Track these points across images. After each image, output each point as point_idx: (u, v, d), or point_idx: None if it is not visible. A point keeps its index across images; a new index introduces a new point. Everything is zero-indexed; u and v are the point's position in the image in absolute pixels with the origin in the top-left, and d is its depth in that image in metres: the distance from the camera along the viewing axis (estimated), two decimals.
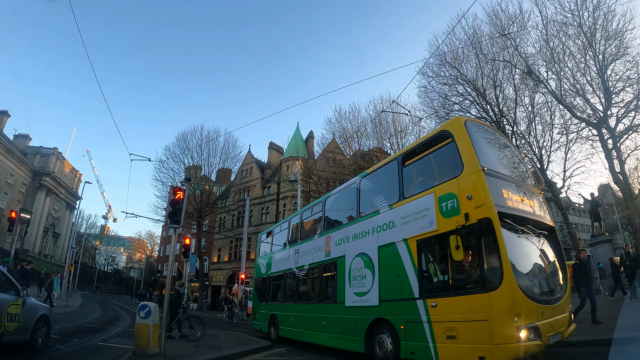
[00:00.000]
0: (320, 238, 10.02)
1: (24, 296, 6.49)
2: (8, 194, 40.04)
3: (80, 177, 55.70)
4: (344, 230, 8.90)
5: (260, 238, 15.95)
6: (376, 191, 8.05)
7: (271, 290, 13.11)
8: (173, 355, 7.27)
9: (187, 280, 23.58)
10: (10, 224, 14.10)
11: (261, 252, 15.12)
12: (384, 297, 6.99)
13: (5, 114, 42.78)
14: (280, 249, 12.94)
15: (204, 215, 33.66)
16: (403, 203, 6.90)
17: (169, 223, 8.68)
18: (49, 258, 47.69)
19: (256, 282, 14.89)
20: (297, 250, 11.37)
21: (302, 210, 12.26)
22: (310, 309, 9.99)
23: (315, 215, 10.96)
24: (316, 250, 10.09)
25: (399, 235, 6.80)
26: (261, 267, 14.39)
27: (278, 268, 12.58)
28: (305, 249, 10.83)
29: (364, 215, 8.20)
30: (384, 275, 7.09)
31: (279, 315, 11.87)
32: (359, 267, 7.91)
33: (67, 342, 8.27)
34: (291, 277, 11.48)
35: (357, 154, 28.21)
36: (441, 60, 19.90)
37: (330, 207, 10.26)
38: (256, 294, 14.56)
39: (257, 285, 14.64)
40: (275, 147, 42.34)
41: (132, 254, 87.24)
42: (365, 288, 7.53)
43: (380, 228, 7.41)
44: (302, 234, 11.58)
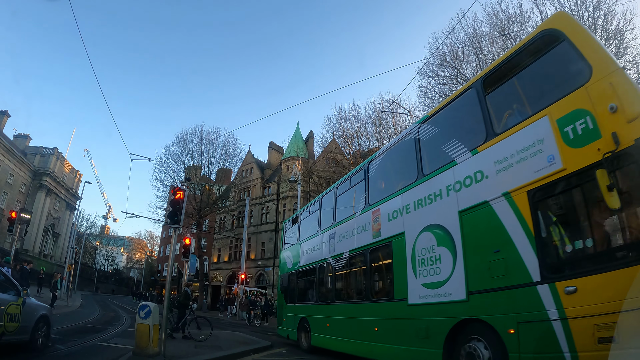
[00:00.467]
0: (364, 214, 7.76)
1: (24, 296, 6.49)
2: (8, 194, 40.05)
3: (80, 177, 55.71)
4: (400, 198, 6.61)
5: (285, 227, 13.74)
6: (446, 136, 5.88)
7: (300, 288, 11.12)
8: (173, 355, 7.27)
9: (187, 281, 23.43)
10: (10, 224, 14.10)
11: (286, 244, 13.06)
12: (474, 286, 4.79)
13: (5, 114, 42.79)
14: (310, 236, 10.69)
15: (204, 215, 33.67)
16: (495, 141, 4.81)
17: (169, 223, 8.69)
18: (49, 258, 47.70)
19: (281, 280, 12.75)
20: (332, 234, 9.15)
21: (336, 184, 9.88)
22: (354, 311, 7.83)
23: (356, 187, 8.60)
24: (359, 231, 7.89)
25: (495, 189, 4.67)
26: (287, 262, 12.39)
27: (308, 260, 10.50)
28: (343, 231, 8.63)
29: (430, 172, 5.99)
30: (473, 253, 4.92)
31: (310, 320, 9.83)
32: (428, 247, 5.71)
33: (67, 342, 8.26)
34: (325, 270, 9.48)
35: (357, 154, 28.23)
36: (441, 61, 19.89)
37: (376, 172, 7.91)
38: (281, 294, 12.51)
39: (283, 284, 12.48)
40: (275, 147, 42.38)
41: (132, 254, 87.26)
42: (441, 276, 5.35)
43: (460, 184, 5.27)
44: (338, 213, 9.28)
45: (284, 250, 13.08)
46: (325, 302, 9.27)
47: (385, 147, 8.17)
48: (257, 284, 33.75)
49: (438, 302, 5.38)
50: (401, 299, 6.19)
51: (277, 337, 13.80)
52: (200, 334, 10.22)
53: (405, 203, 6.46)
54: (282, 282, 12.61)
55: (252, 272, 34.50)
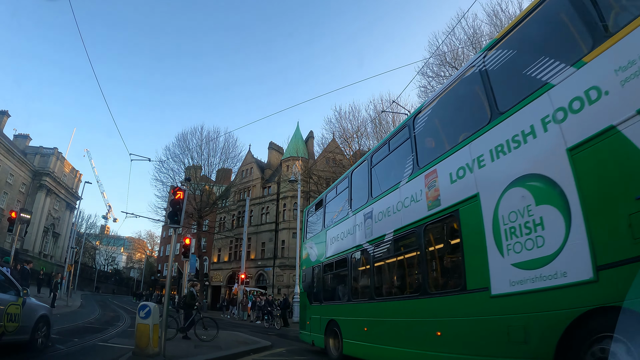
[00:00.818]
0: (413, 181, 5.99)
1: (24, 296, 6.49)
2: (8, 194, 40.06)
3: (80, 177, 55.73)
4: (466, 149, 4.91)
5: (306, 214, 11.90)
6: (530, 56, 4.24)
7: (327, 284, 9.45)
8: (173, 355, 7.27)
9: (187, 280, 23.41)
10: (10, 224, 14.10)
11: (309, 234, 11.34)
12: (606, 257, 3.16)
13: (5, 114, 42.82)
14: (339, 220, 8.89)
15: (204, 215, 33.69)
16: (614, 41, 3.30)
17: (169, 223, 8.69)
18: (49, 258, 47.71)
19: (303, 276, 11.09)
20: (368, 214, 7.34)
21: (370, 152, 8.09)
22: (404, 310, 5.99)
23: (398, 150, 6.78)
24: (407, 203, 6.07)
25: (624, 106, 3.13)
26: (310, 254, 10.72)
27: (337, 249, 8.75)
28: (383, 207, 6.79)
29: (510, 107, 4.32)
30: (599, 206, 3.30)
31: (342, 322, 8.10)
32: (521, 209, 4.00)
33: (67, 342, 8.26)
34: (360, 259, 7.76)
35: (357, 154, 28.25)
36: (441, 60, 19.92)
37: (425, 127, 6.18)
38: (304, 293, 10.77)
39: (306, 280, 10.78)
40: (275, 147, 42.40)
41: (132, 254, 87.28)
42: (547, 249, 3.68)
43: (564, 112, 3.66)
44: (374, 187, 7.47)
45: (306, 241, 11.31)
46: (360, 300, 7.49)
47: (434, 95, 6.21)
48: (257, 284, 33.75)
49: (544, 288, 3.63)
50: (479, 289, 4.41)
51: (277, 337, 13.82)
52: (207, 334, 10.20)
53: (476, 154, 4.73)
54: (304, 278, 10.88)
55: (252, 272, 34.51)
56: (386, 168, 7.28)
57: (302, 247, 11.76)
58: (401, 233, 6.25)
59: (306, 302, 10.50)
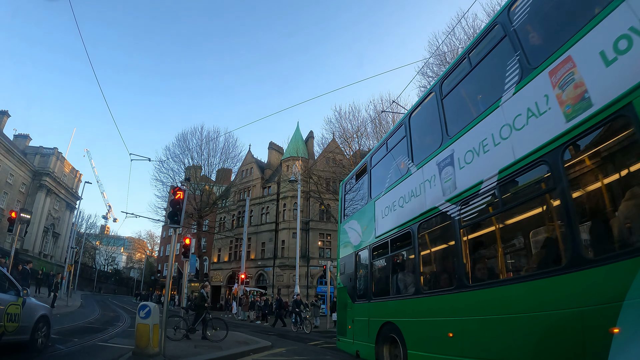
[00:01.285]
0: (527, 87, 3.91)
1: (24, 296, 6.49)
2: (8, 194, 40.04)
3: (80, 177, 55.70)
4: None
5: (343, 190, 9.69)
6: None
7: (379, 273, 7.26)
8: (173, 355, 7.27)
9: (187, 281, 23.36)
10: (10, 224, 14.08)
11: (347, 212, 9.24)
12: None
13: (5, 114, 42.79)
14: (395, 182, 6.62)
15: (204, 215, 33.69)
16: None
17: (169, 223, 8.69)
18: (49, 258, 47.69)
19: (342, 267, 8.92)
20: (445, 160, 5.15)
21: (439, 79, 5.80)
22: (543, 298, 3.45)
23: (489, 59, 4.71)
24: (519, 124, 3.95)
25: None
26: (351, 237, 8.51)
27: (394, 222, 6.45)
28: (474, 142, 4.62)
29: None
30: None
31: (404, 326, 5.77)
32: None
33: (67, 342, 8.26)
34: (436, 228, 5.57)
35: (357, 154, 28.25)
36: (441, 60, 19.89)
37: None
38: (343, 288, 8.65)
39: (345, 271, 8.66)
40: (275, 147, 42.42)
41: (132, 254, 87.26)
42: None
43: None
44: (452, 120, 5.35)
45: (344, 222, 9.14)
46: (439, 292, 5.14)
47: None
48: (257, 284, 33.75)
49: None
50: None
51: (277, 337, 13.77)
52: (216, 335, 10.19)
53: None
54: (342, 269, 8.81)
55: (252, 272, 34.50)
56: (468, 91, 5.32)
57: (339, 231, 9.43)
58: (514, 171, 3.93)
59: (346, 299, 8.21)
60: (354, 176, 9.11)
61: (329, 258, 30.46)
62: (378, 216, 7.18)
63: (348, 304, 8.19)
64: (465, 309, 4.50)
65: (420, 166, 5.86)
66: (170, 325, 10.10)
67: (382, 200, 7.11)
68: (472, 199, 4.59)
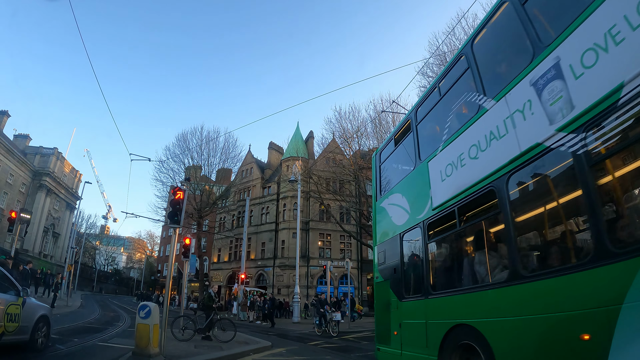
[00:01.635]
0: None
1: (24, 296, 6.50)
2: (8, 194, 40.04)
3: (80, 177, 55.70)
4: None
5: (378, 160, 7.90)
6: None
7: (440, 258, 5.79)
8: (173, 355, 7.28)
9: (187, 281, 23.35)
10: (10, 224, 14.09)
11: (384, 187, 7.47)
12: None
13: (5, 114, 42.78)
14: (461, 127, 4.99)
15: (204, 215, 33.68)
16: None
17: (169, 223, 8.70)
18: (49, 258, 47.69)
19: (380, 255, 7.16)
20: (551, 71, 3.53)
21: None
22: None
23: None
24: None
25: None
26: (392, 216, 6.83)
27: (467, 181, 4.72)
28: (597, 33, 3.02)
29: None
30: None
31: (492, 329, 3.97)
32: None
33: (67, 342, 8.27)
34: (543, 177, 3.76)
35: (357, 154, 28.27)
36: (441, 60, 19.90)
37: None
38: (383, 283, 6.86)
39: (385, 261, 6.95)
40: (275, 147, 42.45)
41: (132, 254, 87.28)
42: None
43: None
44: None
45: (381, 199, 7.41)
46: (561, 270, 3.28)
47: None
48: (257, 284, 33.77)
49: None
50: None
51: (277, 337, 13.72)
52: (227, 335, 10.21)
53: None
54: (382, 258, 7.07)
55: (252, 272, 34.51)
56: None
57: (374, 211, 7.79)
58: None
59: (389, 297, 6.47)
60: (392, 140, 7.32)
61: (329, 258, 30.49)
62: (434, 181, 5.43)
63: (392, 303, 6.36)
64: (615, 291, 2.69)
65: (500, 97, 4.26)
66: (178, 326, 10.16)
67: (438, 159, 5.38)
68: (609, 115, 2.92)
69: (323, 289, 27.39)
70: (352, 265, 27.53)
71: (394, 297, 6.36)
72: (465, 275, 4.79)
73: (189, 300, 36.51)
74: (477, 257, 4.59)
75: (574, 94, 3.30)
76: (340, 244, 33.98)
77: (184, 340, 9.50)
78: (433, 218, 5.39)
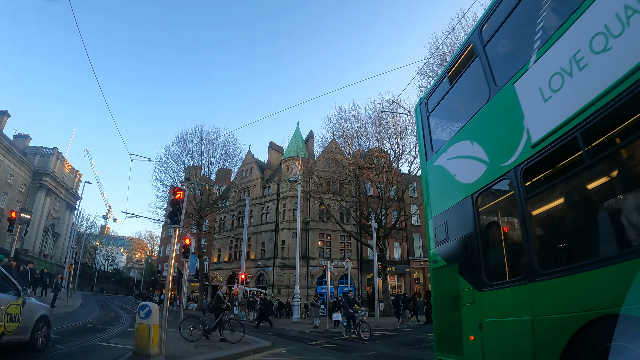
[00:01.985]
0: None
1: (24, 296, 6.50)
2: (8, 194, 40.04)
3: (80, 177, 55.71)
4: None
5: (423, 109, 6.30)
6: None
7: (555, 216, 3.80)
8: (173, 355, 7.28)
9: (187, 281, 23.31)
10: (10, 224, 14.08)
11: (436, 139, 6.03)
12: None
13: (5, 114, 42.78)
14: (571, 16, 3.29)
15: (204, 215, 33.70)
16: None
17: (169, 223, 8.71)
18: (49, 258, 47.69)
19: (439, 230, 5.46)
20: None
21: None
22: None
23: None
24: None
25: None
26: (456, 171, 5.23)
27: (605, 82, 2.90)
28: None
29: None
30: None
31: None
32: None
33: (67, 342, 8.26)
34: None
35: (357, 154, 28.28)
36: (441, 60, 19.90)
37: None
38: (447, 267, 5.18)
39: (448, 236, 5.20)
40: (275, 147, 42.45)
41: (132, 254, 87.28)
42: None
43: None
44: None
45: (434, 157, 5.80)
46: None
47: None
48: (257, 284, 33.77)
49: None
50: None
51: (277, 337, 13.73)
52: (236, 336, 10.21)
53: None
54: (441, 233, 5.33)
55: (252, 272, 34.52)
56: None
57: (425, 174, 6.10)
58: None
59: (457, 286, 4.79)
60: (444, 79, 5.76)
61: (328, 258, 30.48)
62: (529, 105, 3.85)
63: (464, 295, 4.62)
64: None
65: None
66: (186, 327, 10.18)
67: (532, 74, 3.84)
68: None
69: (323, 289, 27.41)
70: (352, 265, 27.54)
71: (466, 285, 4.58)
72: (611, 235, 3.03)
73: (189, 301, 36.53)
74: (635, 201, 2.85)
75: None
76: (340, 244, 33.98)
77: (192, 341, 9.52)
78: (534, 159, 3.70)
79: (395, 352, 9.64)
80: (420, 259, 35.98)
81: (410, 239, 36.35)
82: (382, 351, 10.04)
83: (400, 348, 10.09)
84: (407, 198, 32.04)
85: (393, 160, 27.04)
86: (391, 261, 32.12)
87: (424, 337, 12.59)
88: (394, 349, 10.00)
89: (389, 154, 27.48)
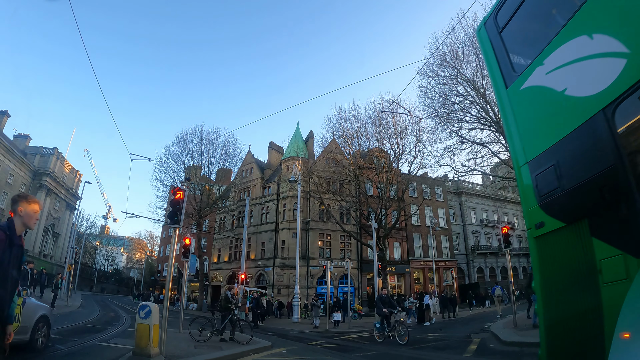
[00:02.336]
0: None
1: (24, 296, 6.50)
2: (8, 194, 40.01)
3: (80, 177, 55.72)
4: None
5: (493, 29, 4.57)
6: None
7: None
8: (173, 355, 7.28)
9: (187, 281, 23.29)
10: None
11: (517, 52, 4.42)
12: None
13: (5, 114, 42.80)
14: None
15: (204, 215, 33.68)
16: None
17: (169, 223, 8.72)
18: (49, 258, 47.70)
19: (541, 177, 3.60)
20: None
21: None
22: None
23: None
24: None
25: None
26: (567, 85, 3.35)
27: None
28: None
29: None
30: None
31: None
32: None
33: (67, 342, 8.27)
34: None
35: (357, 154, 28.28)
36: (441, 60, 19.89)
37: None
38: (560, 233, 3.35)
39: (557, 185, 3.38)
40: (275, 147, 42.44)
41: (132, 254, 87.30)
42: None
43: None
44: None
45: (519, 80, 4.14)
46: None
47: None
48: (257, 284, 33.77)
49: None
50: None
51: (277, 337, 13.74)
52: (245, 337, 10.20)
53: None
54: (546, 182, 3.57)
55: (252, 272, 34.51)
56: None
57: (506, 108, 4.44)
58: None
59: (589, 254, 3.07)
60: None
61: (328, 258, 30.48)
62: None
63: (606, 269, 2.94)
64: None
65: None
66: (195, 327, 10.20)
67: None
68: None
69: (323, 289, 27.40)
70: (352, 265, 27.55)
71: (611, 252, 2.90)
72: None
73: (189, 301, 36.53)
74: None
75: None
76: (340, 244, 33.98)
77: (202, 341, 9.52)
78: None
79: (395, 352, 9.64)
80: (420, 259, 35.99)
81: (410, 239, 36.36)
82: (382, 351, 10.04)
83: (400, 348, 10.10)
84: (407, 198, 32.04)
85: (393, 160, 27.04)
86: (391, 261, 32.13)
87: (424, 337, 12.59)
88: (394, 349, 10.00)
89: (389, 154, 27.49)
